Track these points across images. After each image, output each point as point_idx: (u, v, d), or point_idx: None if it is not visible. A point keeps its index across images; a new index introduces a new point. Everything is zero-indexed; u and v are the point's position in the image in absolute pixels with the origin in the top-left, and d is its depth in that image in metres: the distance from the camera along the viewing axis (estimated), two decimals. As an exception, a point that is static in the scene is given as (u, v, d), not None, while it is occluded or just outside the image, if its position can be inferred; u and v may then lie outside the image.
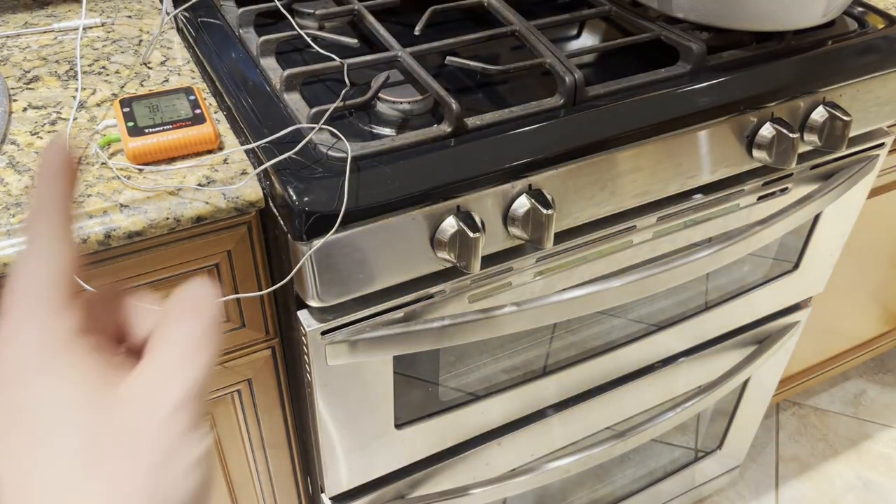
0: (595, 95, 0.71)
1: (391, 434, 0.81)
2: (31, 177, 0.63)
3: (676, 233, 0.82)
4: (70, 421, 0.23)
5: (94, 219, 0.60)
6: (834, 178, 0.88)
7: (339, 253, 0.61)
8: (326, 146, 0.62)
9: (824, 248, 1.03)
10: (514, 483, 0.93)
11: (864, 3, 0.90)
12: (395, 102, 0.68)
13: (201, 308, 0.25)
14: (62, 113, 0.71)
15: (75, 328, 0.24)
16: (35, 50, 0.80)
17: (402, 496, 0.89)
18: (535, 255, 0.73)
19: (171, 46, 0.82)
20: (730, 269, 0.96)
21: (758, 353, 1.09)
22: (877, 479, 1.49)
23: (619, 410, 1.03)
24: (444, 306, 0.71)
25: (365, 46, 0.80)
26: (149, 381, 0.24)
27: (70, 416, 0.23)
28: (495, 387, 0.86)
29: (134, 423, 0.23)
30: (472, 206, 0.65)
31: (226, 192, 0.63)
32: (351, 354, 0.69)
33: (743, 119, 0.76)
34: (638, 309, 0.92)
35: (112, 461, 0.23)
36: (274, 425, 0.86)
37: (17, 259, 0.26)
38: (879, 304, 1.42)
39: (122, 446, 0.23)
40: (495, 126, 0.67)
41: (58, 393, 0.23)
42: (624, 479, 1.23)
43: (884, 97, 0.85)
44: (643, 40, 0.78)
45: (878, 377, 1.70)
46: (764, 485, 1.48)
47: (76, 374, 0.24)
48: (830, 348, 1.45)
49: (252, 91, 0.69)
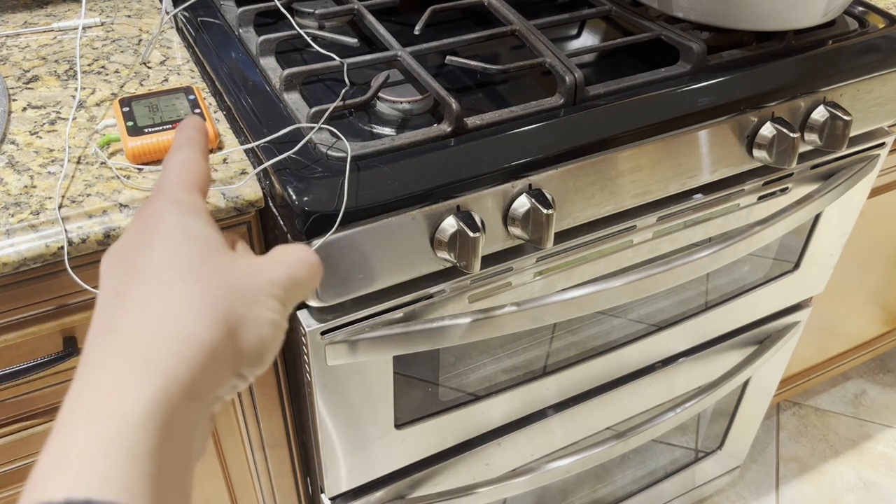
0: (595, 95, 0.71)
1: (391, 434, 0.80)
2: (30, 176, 0.63)
3: (676, 233, 0.82)
4: (189, 239, 0.29)
5: (94, 218, 0.60)
6: (834, 178, 0.88)
7: (339, 253, 0.61)
8: (326, 146, 0.62)
9: (825, 248, 1.03)
10: (514, 483, 0.92)
11: (864, 3, 0.90)
12: (394, 102, 0.68)
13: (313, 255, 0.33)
14: (61, 112, 0.70)
15: (205, 207, 0.32)
16: (34, 49, 0.80)
17: (402, 496, 0.89)
18: (535, 255, 0.73)
19: (171, 46, 0.81)
20: (730, 269, 0.96)
21: (758, 353, 1.09)
22: (877, 480, 1.49)
23: (620, 411, 1.03)
24: (444, 306, 0.71)
25: (365, 46, 0.79)
26: (261, 260, 0.31)
27: (189, 237, 0.29)
28: (495, 387, 0.86)
29: (238, 269, 0.30)
30: (472, 206, 0.65)
31: (225, 192, 0.63)
32: (351, 354, 0.68)
33: (743, 119, 0.76)
34: (638, 309, 0.91)
35: (211, 277, 0.28)
36: (274, 425, 0.86)
37: (168, 154, 0.35)
38: (880, 304, 1.42)
39: (222, 274, 0.29)
40: (495, 126, 0.67)
41: (186, 223, 0.30)
42: (624, 480, 1.23)
43: (884, 97, 0.85)
44: (643, 40, 0.78)
45: (878, 377, 1.70)
46: (764, 485, 1.48)
47: (202, 225, 0.30)
48: (831, 348, 1.45)
49: (252, 91, 0.69)
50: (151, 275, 0.28)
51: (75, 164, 0.64)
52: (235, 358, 0.28)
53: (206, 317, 0.27)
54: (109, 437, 0.24)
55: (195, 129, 0.37)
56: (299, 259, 0.32)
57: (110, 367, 0.26)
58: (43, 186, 0.62)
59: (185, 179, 0.33)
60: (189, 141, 0.36)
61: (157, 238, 0.29)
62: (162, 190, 0.32)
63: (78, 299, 0.65)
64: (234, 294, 0.29)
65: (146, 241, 0.29)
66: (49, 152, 0.66)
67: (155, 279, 0.28)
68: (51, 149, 0.66)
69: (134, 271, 0.28)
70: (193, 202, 0.32)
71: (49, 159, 0.65)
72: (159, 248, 0.29)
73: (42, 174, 0.63)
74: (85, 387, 0.26)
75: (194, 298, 0.27)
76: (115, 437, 0.24)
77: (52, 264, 0.61)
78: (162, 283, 0.28)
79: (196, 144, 0.36)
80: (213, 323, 0.27)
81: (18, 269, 0.58)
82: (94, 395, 0.25)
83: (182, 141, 0.36)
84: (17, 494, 0.76)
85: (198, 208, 0.32)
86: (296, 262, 0.32)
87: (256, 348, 0.29)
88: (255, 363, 0.29)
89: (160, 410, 0.25)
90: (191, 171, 0.34)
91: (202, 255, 0.29)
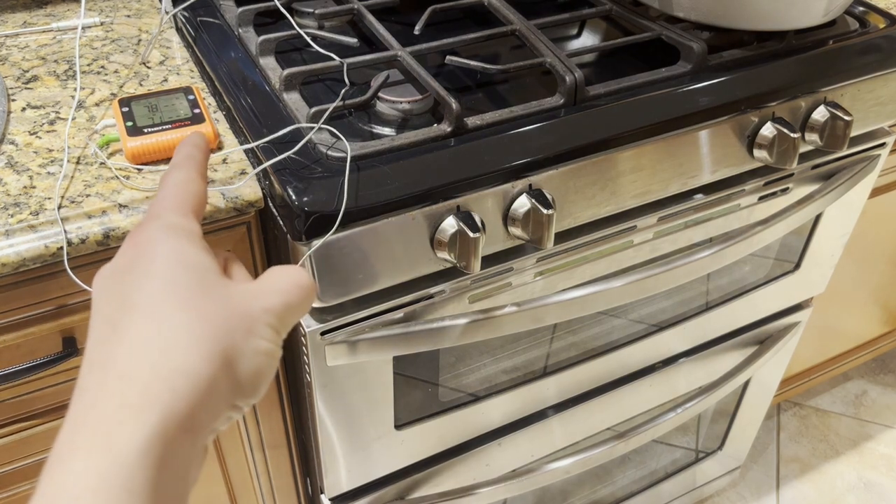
0: (595, 95, 0.70)
1: (391, 435, 0.80)
2: (29, 177, 0.63)
3: (677, 233, 0.82)
4: (183, 267, 0.29)
5: (93, 219, 0.60)
6: (835, 178, 0.88)
7: (339, 253, 0.61)
8: (326, 146, 0.62)
9: (825, 249, 1.03)
10: (514, 484, 0.92)
11: (865, 3, 0.89)
12: (394, 102, 0.68)
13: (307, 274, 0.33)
14: (61, 113, 0.70)
15: (199, 232, 0.32)
16: (34, 49, 0.80)
17: (402, 497, 0.89)
18: (535, 255, 0.73)
19: (171, 46, 0.81)
20: (731, 269, 0.96)
21: (759, 353, 1.09)
22: (878, 480, 1.49)
23: (620, 411, 1.03)
24: (444, 306, 0.71)
25: (365, 46, 0.79)
26: (255, 286, 0.31)
27: (183, 265, 0.29)
28: (495, 387, 0.86)
29: (233, 298, 0.29)
30: (472, 206, 0.64)
31: (225, 192, 0.63)
32: (351, 355, 0.68)
33: (744, 119, 0.76)
34: (639, 309, 0.91)
35: (206, 308, 0.28)
36: (273, 426, 0.86)
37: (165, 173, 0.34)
38: (881, 304, 1.42)
39: (217, 304, 0.29)
40: (495, 126, 0.66)
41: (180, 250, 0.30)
42: (624, 480, 1.23)
43: (885, 97, 0.85)
44: (644, 40, 0.78)
45: (879, 378, 1.70)
46: (765, 485, 1.48)
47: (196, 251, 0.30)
48: (831, 349, 1.45)
49: (251, 90, 0.69)
50: (146, 306, 0.28)
51: (75, 165, 0.64)
52: (232, 390, 0.28)
53: (203, 350, 0.27)
54: (107, 473, 0.24)
55: (195, 146, 0.37)
56: (293, 284, 0.32)
57: (107, 402, 0.26)
58: (42, 187, 0.62)
59: (179, 202, 0.33)
60: (187, 159, 0.35)
61: (150, 267, 0.29)
62: (155, 214, 0.32)
63: (77, 300, 0.64)
64: (230, 324, 0.28)
65: (140, 269, 0.29)
66: (48, 152, 0.66)
67: (150, 311, 0.28)
68: (50, 149, 0.66)
69: (129, 302, 0.28)
70: (187, 226, 0.32)
71: (48, 159, 0.65)
72: (153, 278, 0.29)
73: (41, 174, 0.63)
74: (81, 421, 0.26)
75: (191, 332, 0.27)
76: (113, 473, 0.24)
77: (52, 265, 0.61)
78: (157, 315, 0.28)
79: (194, 163, 0.35)
80: (209, 356, 0.27)
81: (18, 270, 0.58)
82: (91, 431, 0.25)
83: (180, 160, 0.36)
84: (17, 494, 0.75)
85: (192, 233, 0.31)
86: (290, 288, 0.32)
87: (252, 379, 0.29)
88: (250, 394, 0.29)
89: (157, 446, 0.25)
90: (186, 192, 0.33)
91: (197, 284, 0.29)
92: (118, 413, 0.25)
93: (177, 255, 0.30)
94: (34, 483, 0.75)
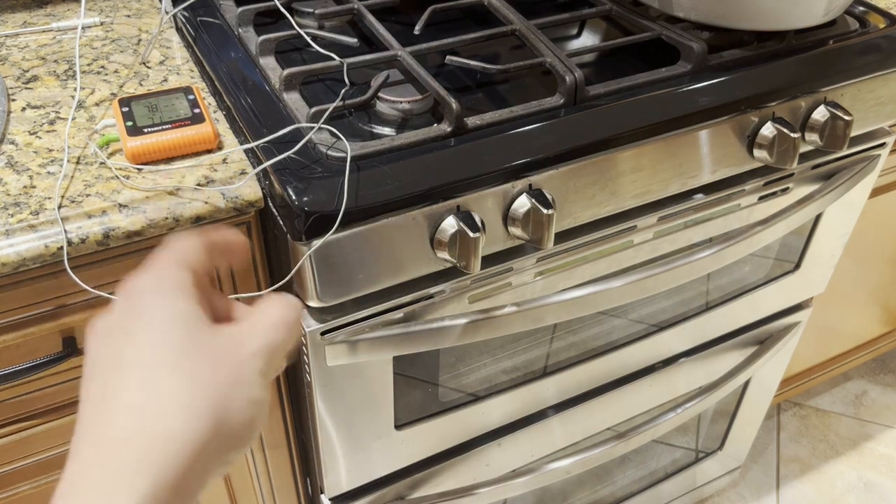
0: (595, 95, 0.70)
1: (391, 435, 0.80)
2: (29, 176, 0.63)
3: (677, 233, 0.82)
4: (172, 322, 0.30)
5: (93, 218, 0.60)
6: (835, 178, 0.88)
7: (339, 253, 0.61)
8: (326, 146, 0.62)
9: (825, 249, 1.03)
10: (514, 484, 0.92)
11: (865, 3, 0.89)
12: (394, 102, 0.68)
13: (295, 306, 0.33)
14: (61, 112, 0.70)
15: (191, 281, 0.32)
16: (34, 49, 0.80)
17: (402, 497, 0.89)
18: (535, 255, 0.73)
19: (171, 46, 0.81)
20: (731, 269, 0.96)
21: (759, 353, 1.09)
22: (878, 480, 1.49)
23: (620, 411, 1.03)
24: (444, 306, 0.71)
25: (365, 46, 0.79)
26: (241, 329, 0.31)
27: (171, 321, 0.30)
28: (495, 387, 0.86)
29: (221, 349, 0.30)
30: (472, 206, 0.64)
31: (225, 192, 0.63)
32: (351, 355, 0.68)
33: (744, 119, 0.76)
34: (639, 309, 0.91)
35: (196, 367, 0.29)
36: (273, 426, 0.86)
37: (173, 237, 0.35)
38: (881, 304, 1.42)
39: (206, 361, 0.29)
40: (495, 125, 0.66)
41: (168, 303, 0.30)
42: (625, 480, 1.23)
43: (885, 97, 0.85)
44: (644, 40, 0.78)
45: (879, 378, 1.70)
46: (765, 485, 1.48)
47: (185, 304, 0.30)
48: (831, 349, 1.45)
49: (251, 90, 0.69)
50: (137, 369, 0.29)
51: (75, 165, 0.64)
52: (224, 447, 0.29)
53: (194, 412, 0.28)
54: None
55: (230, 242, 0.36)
56: (279, 321, 0.32)
57: (100, 466, 0.26)
58: (42, 186, 0.62)
59: (174, 255, 0.33)
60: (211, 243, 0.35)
61: (140, 325, 0.30)
62: (150, 264, 0.33)
63: (77, 299, 0.64)
64: (219, 377, 0.29)
65: (131, 327, 0.30)
66: (48, 152, 0.66)
67: (141, 375, 0.28)
68: (50, 149, 0.66)
69: (121, 364, 0.29)
70: (178, 277, 0.32)
71: (48, 159, 0.65)
72: (144, 338, 0.29)
73: (41, 174, 0.63)
74: (75, 485, 0.27)
75: (182, 394, 0.28)
76: None
77: (52, 264, 0.61)
78: (148, 379, 0.28)
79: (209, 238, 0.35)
80: (201, 417, 0.28)
81: (18, 270, 0.58)
82: (85, 497, 0.26)
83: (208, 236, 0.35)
84: (17, 494, 0.75)
85: (182, 284, 0.31)
86: (276, 326, 0.32)
87: (243, 432, 0.30)
88: (242, 446, 0.30)
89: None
90: (186, 249, 0.33)
91: (187, 339, 0.29)
92: (112, 478, 0.26)
93: (165, 310, 0.30)
94: (34, 483, 0.75)
